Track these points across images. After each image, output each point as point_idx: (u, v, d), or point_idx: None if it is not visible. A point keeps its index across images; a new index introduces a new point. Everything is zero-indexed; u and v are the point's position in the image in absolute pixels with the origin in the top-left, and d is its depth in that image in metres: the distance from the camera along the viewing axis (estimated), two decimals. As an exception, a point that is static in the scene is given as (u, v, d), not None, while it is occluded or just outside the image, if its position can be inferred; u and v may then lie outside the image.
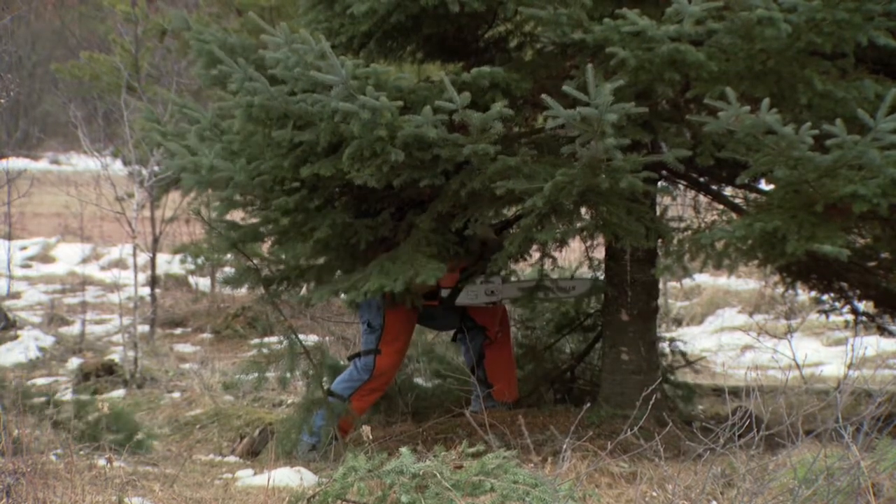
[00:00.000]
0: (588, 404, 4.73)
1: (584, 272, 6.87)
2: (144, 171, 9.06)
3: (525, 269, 8.17)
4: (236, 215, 6.12)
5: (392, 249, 5.59)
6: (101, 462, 5.25)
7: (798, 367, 7.75)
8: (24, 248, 15.20)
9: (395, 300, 5.77)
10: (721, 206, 6.07)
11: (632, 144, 4.94)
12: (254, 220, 5.92)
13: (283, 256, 5.97)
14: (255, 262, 5.94)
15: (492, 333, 6.34)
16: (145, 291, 10.85)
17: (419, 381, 6.98)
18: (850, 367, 7.15)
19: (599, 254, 6.25)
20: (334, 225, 5.56)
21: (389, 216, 5.72)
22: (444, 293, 6.09)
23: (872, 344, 8.39)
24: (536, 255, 6.30)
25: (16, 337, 9.72)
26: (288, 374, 6.19)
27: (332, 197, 5.71)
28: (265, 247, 6.30)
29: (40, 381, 8.55)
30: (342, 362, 6.51)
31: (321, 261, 5.94)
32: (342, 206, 5.70)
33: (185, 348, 10.16)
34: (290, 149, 5.33)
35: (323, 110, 4.95)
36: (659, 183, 5.54)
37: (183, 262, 12.08)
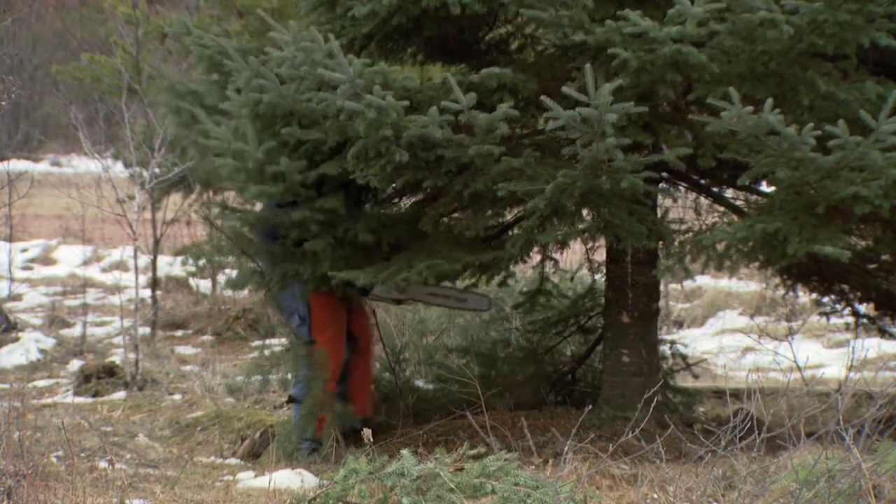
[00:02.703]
0: (589, 406, 4.70)
1: (584, 274, 6.86)
2: (145, 173, 9.03)
3: (526, 272, 8.17)
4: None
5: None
6: (103, 464, 5.25)
7: (799, 369, 7.73)
8: (24, 250, 15.16)
9: (318, 288, 5.71)
10: (722, 208, 6.07)
11: (633, 146, 4.94)
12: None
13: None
14: (257, 264, 5.92)
15: (362, 343, 6.25)
16: (146, 293, 10.83)
17: (420, 383, 6.98)
18: (851, 369, 7.15)
19: (600, 256, 6.25)
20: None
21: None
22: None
23: (873, 346, 8.37)
24: (537, 258, 6.31)
25: (17, 339, 9.70)
26: (290, 377, 6.18)
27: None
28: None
29: (41, 383, 8.54)
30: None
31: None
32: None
33: (186, 350, 10.14)
34: (294, 148, 5.33)
35: (328, 109, 4.95)
36: (660, 185, 5.54)
37: (184, 263, 12.04)
